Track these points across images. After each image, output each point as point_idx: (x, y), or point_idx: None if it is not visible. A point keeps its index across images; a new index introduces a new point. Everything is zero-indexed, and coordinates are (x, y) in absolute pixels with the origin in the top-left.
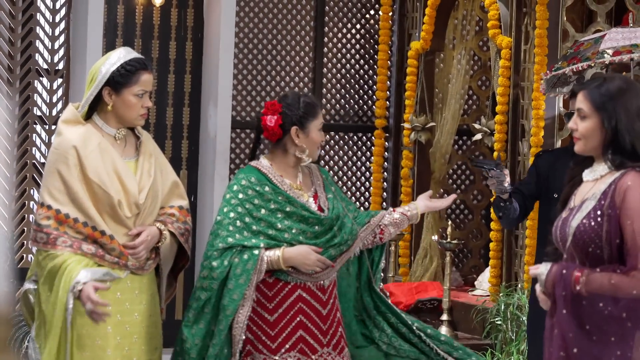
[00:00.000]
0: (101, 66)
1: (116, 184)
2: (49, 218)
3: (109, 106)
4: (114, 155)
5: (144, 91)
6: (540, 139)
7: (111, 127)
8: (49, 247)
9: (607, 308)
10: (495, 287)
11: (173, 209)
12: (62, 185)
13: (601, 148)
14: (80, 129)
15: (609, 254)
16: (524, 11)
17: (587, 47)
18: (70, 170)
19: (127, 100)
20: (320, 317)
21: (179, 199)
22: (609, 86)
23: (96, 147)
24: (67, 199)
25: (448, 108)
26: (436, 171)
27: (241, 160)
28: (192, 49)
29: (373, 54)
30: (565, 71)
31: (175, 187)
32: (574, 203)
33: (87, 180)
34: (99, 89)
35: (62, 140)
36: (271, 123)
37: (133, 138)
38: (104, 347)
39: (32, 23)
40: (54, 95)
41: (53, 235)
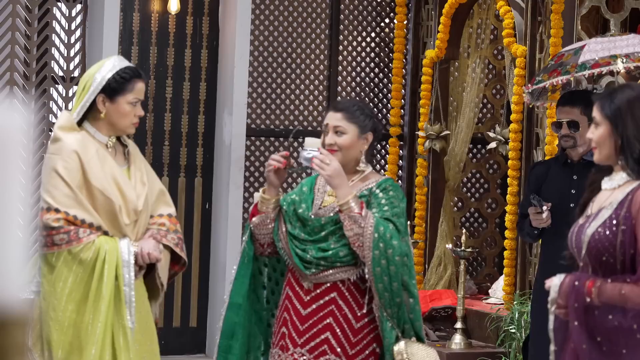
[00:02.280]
0: (95, 73)
1: (115, 190)
2: (59, 220)
3: (102, 114)
4: (110, 162)
5: (138, 99)
6: (555, 148)
7: (103, 134)
8: (74, 243)
9: (617, 319)
10: (509, 296)
11: (163, 218)
12: (66, 188)
13: (615, 156)
14: (76, 135)
15: (622, 264)
16: (538, 20)
17: (568, 58)
18: (73, 175)
19: (121, 108)
20: (299, 317)
21: (166, 207)
22: (619, 95)
23: (95, 154)
24: (73, 202)
25: (462, 116)
26: (450, 179)
27: (256, 168)
28: (208, 57)
29: (388, 62)
30: (546, 85)
31: (162, 194)
32: (592, 210)
33: (89, 186)
34: (94, 97)
35: (62, 145)
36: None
37: (121, 147)
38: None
39: (48, 30)
40: (69, 102)
41: (72, 231)
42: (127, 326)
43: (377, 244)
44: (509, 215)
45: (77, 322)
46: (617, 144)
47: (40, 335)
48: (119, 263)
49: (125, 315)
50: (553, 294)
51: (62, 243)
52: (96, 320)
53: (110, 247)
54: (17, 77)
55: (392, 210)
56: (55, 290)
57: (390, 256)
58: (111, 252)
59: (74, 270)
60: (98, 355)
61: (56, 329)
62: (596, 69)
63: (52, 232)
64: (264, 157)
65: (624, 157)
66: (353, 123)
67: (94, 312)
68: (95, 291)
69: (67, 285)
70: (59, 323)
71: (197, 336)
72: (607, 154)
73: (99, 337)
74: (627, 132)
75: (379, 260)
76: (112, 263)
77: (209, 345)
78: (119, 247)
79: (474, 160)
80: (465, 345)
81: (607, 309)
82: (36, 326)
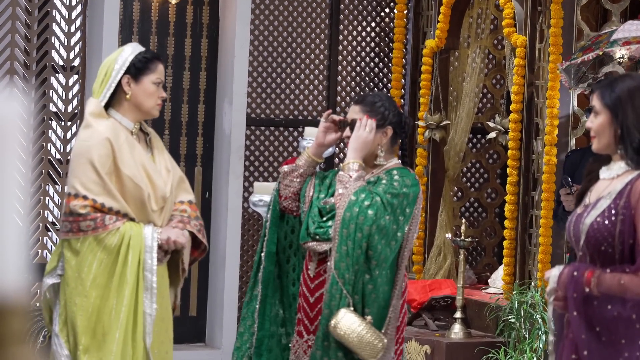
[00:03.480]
0: (117, 57)
1: (145, 178)
2: (86, 207)
3: (128, 95)
4: (139, 149)
5: (161, 80)
6: (555, 138)
7: (129, 120)
8: (100, 230)
9: (616, 310)
10: (509, 285)
11: (184, 205)
12: (95, 176)
13: (614, 145)
14: (106, 122)
15: (621, 254)
16: (538, 10)
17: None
18: (104, 162)
19: (146, 88)
20: (308, 304)
21: (187, 194)
22: (619, 84)
23: (125, 141)
24: (101, 189)
25: (462, 106)
26: (450, 169)
27: (256, 158)
28: (208, 46)
29: (388, 52)
30: (578, 61)
31: (182, 181)
32: (589, 200)
33: (119, 173)
34: (119, 79)
35: (94, 132)
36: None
37: (142, 134)
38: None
39: (48, 20)
40: (69, 91)
41: (99, 218)
42: (145, 311)
43: (351, 207)
44: (509, 205)
45: (100, 308)
46: (617, 133)
47: (65, 321)
48: (142, 248)
49: (144, 301)
50: (552, 285)
51: (88, 229)
52: (120, 304)
53: (134, 233)
54: (18, 66)
55: (388, 188)
56: (80, 275)
57: (361, 223)
58: (135, 238)
59: (99, 257)
60: (122, 339)
61: (80, 315)
62: (626, 47)
63: (79, 219)
64: (264, 146)
65: (623, 146)
66: (370, 116)
67: (117, 297)
68: (120, 276)
69: (92, 271)
70: (84, 309)
71: (196, 325)
72: (606, 143)
73: (123, 322)
74: (627, 122)
75: (348, 222)
76: (135, 248)
77: (209, 335)
78: (143, 233)
79: (473, 150)
80: (464, 334)
81: (606, 299)
82: (62, 312)
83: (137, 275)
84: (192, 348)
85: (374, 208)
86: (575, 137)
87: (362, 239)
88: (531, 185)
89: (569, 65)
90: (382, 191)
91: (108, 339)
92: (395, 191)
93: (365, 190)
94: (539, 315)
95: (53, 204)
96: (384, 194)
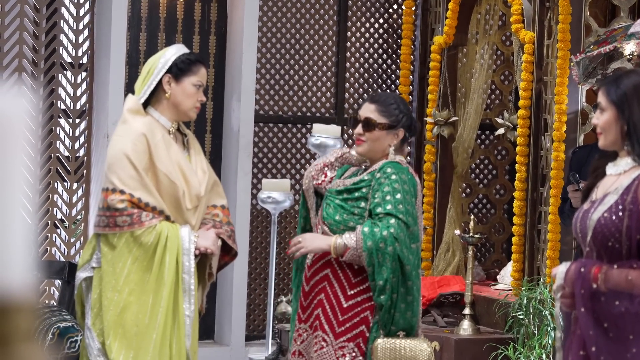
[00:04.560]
0: (160, 57)
1: (180, 175)
2: (123, 202)
3: (167, 94)
4: (175, 147)
5: (202, 83)
6: (563, 134)
7: (167, 119)
8: (136, 226)
9: (624, 305)
10: (518, 282)
11: (217, 209)
12: (133, 170)
13: (620, 141)
14: (144, 119)
15: (628, 250)
16: (547, 6)
17: (619, 31)
18: (140, 157)
19: (186, 89)
20: (303, 292)
21: (220, 198)
22: (625, 80)
23: (161, 138)
24: (138, 184)
25: (471, 102)
26: (459, 165)
27: (264, 154)
28: (216, 43)
29: (396, 48)
30: (594, 54)
31: (216, 185)
32: (596, 196)
33: (155, 169)
34: (160, 78)
35: (130, 127)
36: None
37: (180, 135)
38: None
39: (57, 17)
40: (78, 88)
41: (136, 214)
42: (185, 314)
43: (372, 255)
44: (517, 201)
45: (133, 305)
46: (623, 130)
47: (98, 314)
48: (180, 250)
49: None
50: (559, 281)
51: (124, 225)
52: (157, 305)
53: (171, 234)
54: (26, 63)
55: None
56: (114, 270)
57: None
58: (172, 239)
59: (134, 253)
60: (159, 340)
61: (111, 309)
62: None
63: (116, 214)
64: (272, 143)
65: (629, 142)
66: (385, 117)
67: (154, 298)
68: (157, 276)
69: (126, 267)
70: (115, 303)
71: (205, 322)
72: (613, 139)
73: (160, 323)
74: (633, 118)
75: (373, 254)
76: (173, 250)
77: (218, 332)
78: (180, 235)
79: (482, 146)
80: (473, 331)
81: (614, 295)
82: (95, 305)
83: (175, 277)
84: (201, 345)
85: (391, 242)
86: (583, 133)
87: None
88: (540, 181)
89: (583, 59)
90: (394, 207)
91: (145, 339)
92: (401, 197)
93: (369, 238)
94: (547, 311)
95: (62, 201)
96: (397, 208)
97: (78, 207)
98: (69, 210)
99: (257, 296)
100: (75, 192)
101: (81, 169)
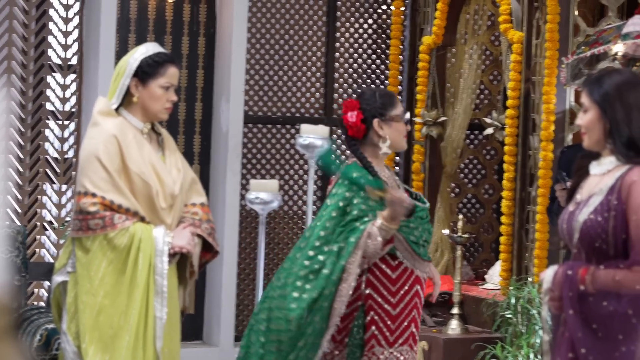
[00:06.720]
0: (129, 59)
1: (153, 175)
2: (95, 204)
3: (135, 97)
4: (148, 147)
5: (170, 84)
6: (551, 133)
7: (139, 120)
8: (109, 229)
9: (612, 305)
10: (506, 281)
11: (196, 207)
12: (104, 173)
13: (604, 140)
14: (115, 120)
15: (615, 250)
16: (535, 6)
17: (610, 32)
18: (112, 159)
19: (152, 92)
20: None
21: (199, 196)
22: (607, 80)
23: (133, 139)
24: (110, 186)
25: (459, 102)
26: (447, 165)
27: (253, 155)
28: (205, 44)
29: (385, 48)
30: (587, 55)
31: (194, 183)
32: (581, 196)
33: (127, 171)
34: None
35: (101, 130)
36: (352, 119)
37: (154, 134)
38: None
39: (46, 19)
40: (66, 90)
41: (108, 216)
42: (156, 315)
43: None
44: (506, 201)
45: (108, 308)
46: (606, 129)
47: (73, 318)
48: (153, 252)
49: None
50: (547, 285)
51: (97, 228)
52: (130, 307)
53: (145, 236)
54: (15, 65)
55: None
56: (89, 273)
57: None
58: (146, 241)
59: (108, 256)
60: (132, 342)
61: (86, 313)
62: (639, 40)
63: (88, 217)
64: (261, 144)
65: (612, 141)
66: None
67: (128, 300)
68: (130, 278)
69: (100, 270)
70: (90, 307)
71: (194, 323)
72: (597, 138)
73: (133, 325)
74: (616, 117)
75: None
76: (146, 251)
77: (206, 332)
78: (154, 236)
79: (471, 146)
80: (461, 330)
81: (602, 296)
82: (70, 309)
83: (147, 279)
84: (190, 345)
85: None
86: (572, 133)
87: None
88: (528, 181)
89: (574, 60)
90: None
91: (118, 341)
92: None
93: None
94: (536, 310)
95: (51, 203)
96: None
97: (67, 209)
98: (58, 211)
99: (246, 297)
100: (64, 193)
101: (70, 171)
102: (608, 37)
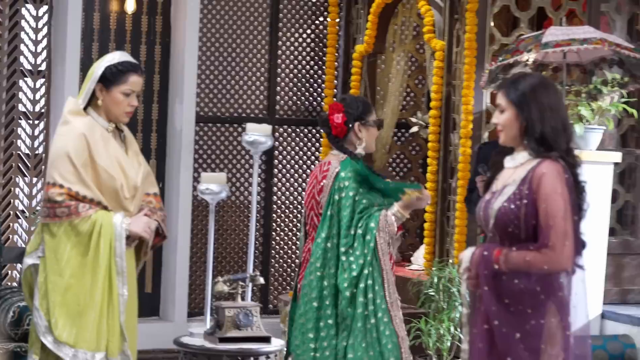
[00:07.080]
0: (98, 64)
1: (118, 169)
2: (62, 194)
3: (99, 101)
4: (113, 144)
5: (132, 91)
6: (469, 131)
7: (104, 120)
8: (73, 216)
9: (522, 283)
10: (429, 262)
11: (150, 197)
12: (72, 167)
13: (519, 138)
14: (83, 119)
15: (526, 234)
16: (455, 17)
17: (529, 41)
18: (79, 154)
19: (114, 97)
20: None
21: (153, 187)
22: (522, 82)
23: (100, 137)
24: (76, 179)
25: (388, 104)
26: (377, 160)
27: (204, 151)
28: (161, 52)
29: (322, 55)
30: (510, 61)
31: (149, 175)
32: (496, 187)
33: (94, 165)
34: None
35: (71, 128)
36: (338, 120)
37: (118, 132)
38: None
39: (17, 29)
40: (37, 93)
41: (73, 205)
42: (118, 293)
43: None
44: (429, 191)
45: (74, 287)
46: (522, 127)
47: (44, 296)
48: (112, 236)
49: (117, 284)
50: (465, 264)
51: (62, 215)
52: (94, 287)
53: (105, 222)
54: None
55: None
56: (56, 256)
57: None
58: (106, 227)
59: (72, 240)
60: (97, 318)
61: (55, 291)
62: (558, 48)
63: (55, 205)
64: (211, 141)
65: (527, 138)
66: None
67: (92, 280)
68: (93, 260)
69: (66, 252)
70: (58, 286)
71: (152, 301)
72: (513, 136)
73: (97, 303)
74: (531, 116)
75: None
76: (106, 236)
77: (162, 309)
78: (113, 222)
79: (398, 142)
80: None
81: (513, 275)
82: (41, 288)
83: (109, 261)
84: (147, 321)
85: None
86: (488, 131)
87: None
88: (449, 173)
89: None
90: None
91: (84, 317)
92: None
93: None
94: (455, 288)
95: (22, 194)
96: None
97: (37, 199)
98: (29, 202)
99: (198, 277)
100: (34, 185)
101: (40, 165)
102: (528, 46)
